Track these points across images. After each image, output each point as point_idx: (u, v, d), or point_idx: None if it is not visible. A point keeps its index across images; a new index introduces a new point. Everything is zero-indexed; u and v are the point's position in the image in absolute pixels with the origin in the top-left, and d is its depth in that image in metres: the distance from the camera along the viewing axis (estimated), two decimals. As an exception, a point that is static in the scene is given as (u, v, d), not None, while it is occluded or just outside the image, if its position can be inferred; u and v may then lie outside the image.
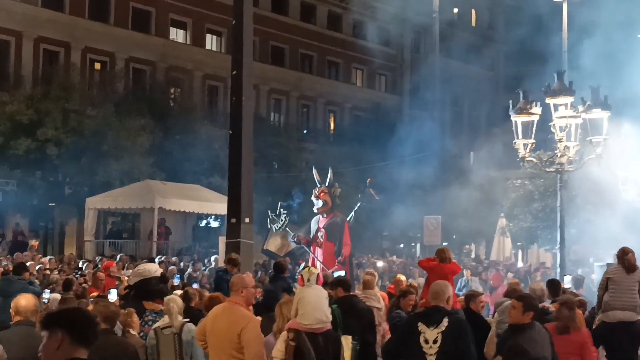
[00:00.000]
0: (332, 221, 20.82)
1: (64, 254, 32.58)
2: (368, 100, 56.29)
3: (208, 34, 50.19)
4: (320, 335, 8.14)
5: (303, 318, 8.08)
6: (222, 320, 8.51)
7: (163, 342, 9.35)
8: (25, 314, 7.54)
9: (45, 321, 4.59)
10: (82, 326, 4.52)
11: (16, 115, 33.27)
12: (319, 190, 21.22)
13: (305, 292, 8.37)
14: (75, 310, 4.74)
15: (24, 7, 40.60)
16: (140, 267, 12.46)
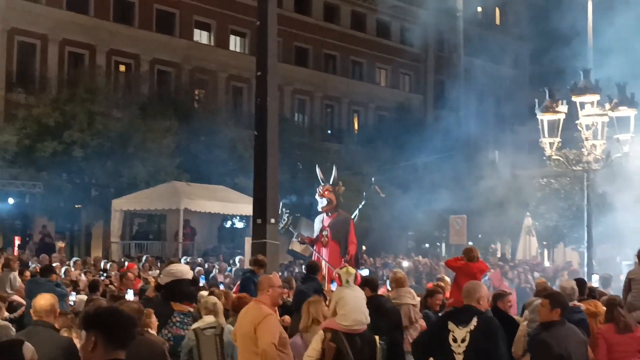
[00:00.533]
0: (336, 220, 20.43)
1: (90, 255, 32.74)
2: (392, 100, 56.13)
3: (232, 35, 50.28)
4: (357, 335, 8.15)
5: (343, 319, 8.09)
6: (245, 318, 8.63)
7: (204, 342, 9.30)
8: (40, 313, 7.56)
9: (82, 322, 4.60)
10: (117, 327, 4.49)
11: (42, 117, 33.55)
12: (323, 188, 20.89)
13: (344, 293, 8.37)
14: (110, 311, 4.70)
15: (50, 10, 40.88)
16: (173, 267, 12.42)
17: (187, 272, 12.02)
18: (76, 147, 33.16)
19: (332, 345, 8.01)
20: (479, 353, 7.71)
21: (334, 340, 8.10)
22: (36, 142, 33.09)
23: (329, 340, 8.07)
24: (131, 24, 44.86)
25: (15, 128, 33.69)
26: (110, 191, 34.15)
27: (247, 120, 42.65)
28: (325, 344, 8.09)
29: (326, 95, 54.96)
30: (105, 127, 33.96)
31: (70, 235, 39.73)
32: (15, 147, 32.69)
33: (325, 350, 8.11)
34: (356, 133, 55.86)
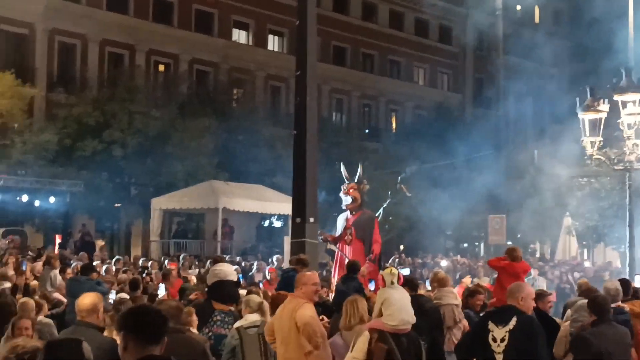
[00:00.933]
0: (360, 218, 19.89)
1: (130, 254, 32.99)
2: (430, 99, 55.95)
3: (270, 35, 50.44)
4: (403, 336, 8.14)
5: (390, 319, 8.08)
6: (284, 312, 8.68)
7: (247, 341, 9.32)
8: (82, 313, 7.61)
9: (116, 324, 4.65)
10: (144, 325, 4.55)
11: (83, 117, 33.90)
12: (347, 186, 20.29)
13: (389, 293, 8.37)
14: (136, 311, 4.76)
15: (90, 10, 41.26)
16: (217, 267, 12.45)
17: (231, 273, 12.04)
18: (116, 147, 33.46)
19: (383, 346, 8.00)
20: (519, 353, 7.69)
21: (382, 341, 8.10)
22: (77, 141, 33.41)
23: (377, 341, 8.07)
24: (170, 24, 45.14)
25: (56, 127, 34.06)
26: (149, 190, 34.37)
27: (285, 119, 42.80)
28: (374, 345, 8.09)
29: (364, 95, 54.94)
30: (145, 126, 34.22)
31: (110, 234, 40.06)
32: (56, 146, 33.03)
33: (372, 351, 8.10)
34: (394, 132, 55.78)
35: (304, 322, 8.41)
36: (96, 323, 7.65)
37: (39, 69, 39.44)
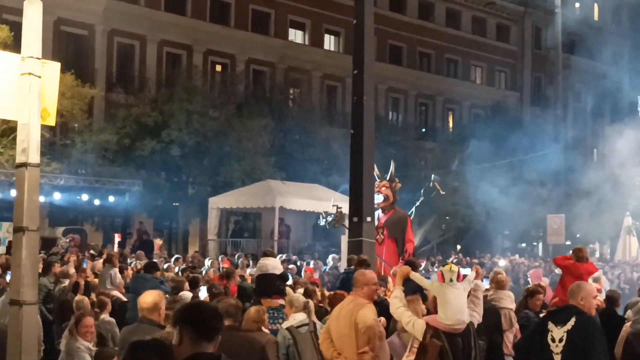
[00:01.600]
0: (392, 217, 19.51)
1: (187, 253, 33.22)
2: (487, 98, 55.56)
3: (326, 34, 50.48)
4: (458, 335, 8.08)
5: (445, 318, 8.02)
6: (342, 312, 8.59)
7: (301, 340, 9.32)
8: (144, 311, 7.66)
9: (171, 318, 4.69)
10: (200, 321, 4.56)
11: (141, 117, 34.26)
12: (379, 184, 19.90)
13: (445, 291, 8.30)
14: (192, 307, 4.80)
15: (148, 11, 41.70)
16: (261, 261, 12.50)
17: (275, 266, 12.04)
18: (174, 146, 33.74)
19: (436, 343, 7.94)
20: (576, 353, 7.58)
21: (436, 338, 8.04)
22: (135, 141, 33.77)
23: (431, 337, 8.00)
24: (227, 24, 45.42)
25: (116, 127, 34.47)
26: (206, 189, 34.59)
27: (342, 119, 42.85)
28: (428, 341, 8.02)
29: (420, 94, 54.71)
30: (203, 126, 34.47)
31: (168, 232, 40.41)
32: (116, 146, 33.42)
33: (426, 346, 8.04)
34: (451, 131, 55.49)
35: (366, 324, 8.35)
36: (158, 320, 7.71)
37: (99, 70, 39.98)
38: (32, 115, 6.91)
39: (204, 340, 4.51)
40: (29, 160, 6.86)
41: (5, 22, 31.46)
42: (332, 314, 8.99)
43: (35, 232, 6.97)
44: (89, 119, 35.59)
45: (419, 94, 54.68)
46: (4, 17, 34.32)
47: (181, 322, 4.57)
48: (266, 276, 11.79)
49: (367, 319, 8.37)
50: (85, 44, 40.27)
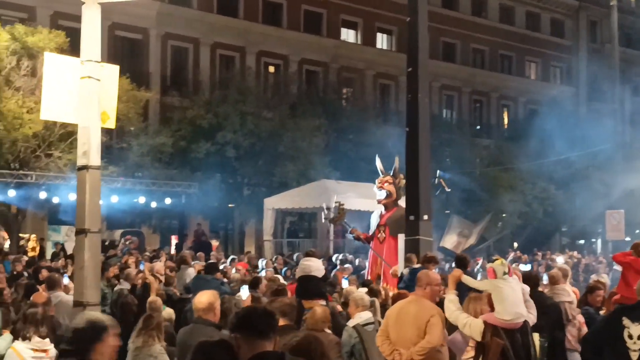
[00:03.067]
0: (395, 215, 18.53)
1: (243, 253, 33.35)
2: (543, 93, 54.97)
3: (379, 33, 50.36)
4: (517, 331, 8.00)
5: (503, 313, 7.94)
6: (409, 310, 8.51)
7: (367, 338, 9.29)
8: (199, 312, 7.69)
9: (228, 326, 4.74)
10: (251, 324, 4.62)
11: (196, 119, 34.48)
12: (382, 179, 19.09)
13: (499, 286, 8.21)
14: (244, 311, 4.82)
15: (201, 14, 41.98)
16: (305, 262, 12.45)
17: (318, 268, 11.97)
18: (229, 148, 33.89)
19: (499, 341, 7.86)
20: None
21: (496, 336, 7.96)
22: (191, 143, 33.98)
23: (492, 336, 7.92)
24: (280, 25, 45.54)
25: (171, 130, 34.72)
26: (262, 190, 34.67)
27: (396, 118, 42.68)
28: (490, 339, 7.94)
29: (475, 91, 54.35)
30: (257, 127, 34.57)
31: (224, 234, 40.62)
32: (171, 148, 33.64)
33: (487, 345, 7.96)
34: (506, 128, 55.06)
35: (431, 324, 8.29)
36: (213, 320, 7.73)
37: (153, 73, 40.37)
38: (92, 118, 6.98)
39: (259, 340, 4.55)
40: (90, 163, 6.94)
41: (61, 28, 31.88)
42: (390, 314, 8.89)
43: (97, 233, 7.06)
44: (145, 122, 35.89)
45: (473, 90, 54.32)
46: (59, 23, 34.80)
47: (236, 329, 4.64)
48: (308, 278, 11.74)
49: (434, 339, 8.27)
50: (140, 47, 40.69)
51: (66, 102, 6.99)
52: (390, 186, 18.68)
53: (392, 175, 19.03)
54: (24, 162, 28.73)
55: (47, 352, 7.59)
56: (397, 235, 17.67)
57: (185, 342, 7.70)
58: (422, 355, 8.27)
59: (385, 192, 18.69)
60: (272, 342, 4.59)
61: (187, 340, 7.64)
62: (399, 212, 18.29)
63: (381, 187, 18.81)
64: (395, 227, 18.05)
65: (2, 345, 7.84)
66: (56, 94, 7.00)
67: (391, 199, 18.65)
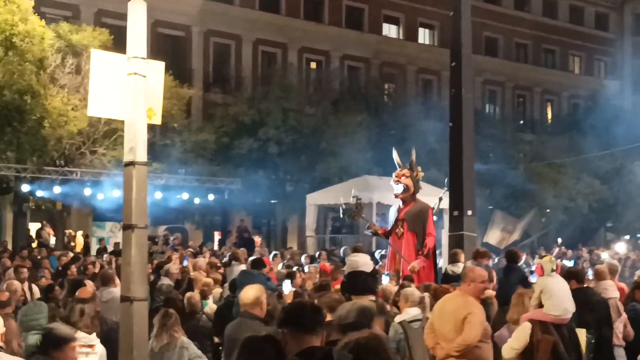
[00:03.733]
0: (413, 209, 17.63)
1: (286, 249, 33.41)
2: (587, 88, 54.44)
3: (421, 28, 50.17)
4: (564, 326, 7.95)
5: (552, 309, 7.91)
6: (449, 305, 8.49)
7: (412, 336, 9.24)
8: (245, 306, 7.71)
9: (275, 322, 4.74)
10: (297, 319, 4.65)
11: (239, 116, 34.63)
12: (399, 173, 17.98)
13: (548, 282, 8.17)
14: (291, 306, 4.86)
15: (243, 11, 42.12)
16: (352, 257, 12.40)
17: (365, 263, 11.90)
18: (271, 144, 33.98)
19: (549, 338, 7.82)
20: None
21: (546, 332, 7.91)
22: (233, 139, 34.14)
23: (542, 332, 7.88)
24: (321, 21, 45.56)
25: (214, 127, 34.91)
26: (304, 186, 34.69)
27: (438, 113, 42.37)
28: (537, 336, 7.90)
29: (518, 85, 53.97)
30: (299, 123, 34.62)
31: (267, 230, 40.76)
32: (214, 145, 33.82)
33: (536, 343, 7.92)
34: (550, 123, 54.62)
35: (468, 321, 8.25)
36: (260, 315, 7.75)
37: (196, 70, 40.59)
38: (139, 114, 7.01)
39: (306, 335, 4.55)
40: (137, 159, 6.98)
41: (104, 26, 32.17)
42: (435, 307, 8.88)
43: (144, 229, 7.09)
44: (188, 118, 36.10)
45: (516, 85, 53.93)
46: (103, 21, 35.12)
47: (283, 325, 4.68)
48: (357, 273, 11.69)
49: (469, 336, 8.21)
50: (182, 45, 40.93)
51: (112, 98, 7.03)
52: (407, 180, 17.70)
53: (409, 169, 18.13)
54: (69, 159, 29.07)
55: (93, 347, 7.67)
56: (416, 231, 17.31)
57: (231, 336, 7.73)
58: (458, 352, 8.23)
59: (402, 186, 17.67)
60: (320, 338, 4.58)
61: (233, 335, 7.68)
62: (417, 206, 17.69)
63: (398, 180, 17.79)
64: (413, 222, 17.46)
65: (48, 340, 7.92)
66: (103, 91, 7.04)
67: (409, 192, 17.70)
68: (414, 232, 17.25)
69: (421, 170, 18.52)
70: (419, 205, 17.64)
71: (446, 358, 8.33)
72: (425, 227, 17.33)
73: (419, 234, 17.26)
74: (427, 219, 17.47)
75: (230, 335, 7.80)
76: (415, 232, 17.24)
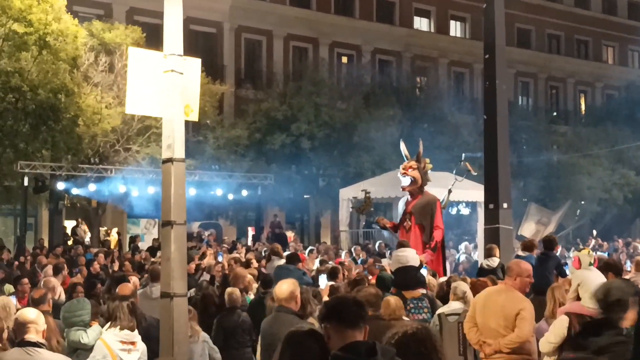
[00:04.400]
0: (421, 202, 17.22)
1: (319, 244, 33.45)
2: (620, 78, 53.96)
3: (452, 21, 49.95)
4: None
5: (590, 302, 7.83)
6: (497, 300, 8.41)
7: (446, 329, 9.24)
8: (280, 301, 7.72)
9: (317, 317, 4.74)
10: (344, 313, 4.60)
11: (271, 111, 34.67)
12: (406, 165, 17.50)
13: (586, 276, 8.11)
14: (334, 300, 4.85)
15: (274, 6, 42.16)
16: (399, 253, 12.42)
17: (412, 258, 11.91)
18: (304, 139, 33.99)
19: None
20: None
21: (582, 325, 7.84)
22: (266, 135, 34.19)
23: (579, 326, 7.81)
24: (352, 16, 45.49)
25: (246, 122, 35.00)
26: (337, 181, 34.69)
27: (470, 106, 42.31)
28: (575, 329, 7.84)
29: (550, 76, 53.58)
30: (331, 118, 34.62)
31: (300, 225, 40.81)
32: (247, 141, 33.89)
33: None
34: (583, 114, 54.18)
35: (522, 317, 8.21)
36: (295, 309, 7.77)
37: (228, 66, 40.70)
38: (176, 111, 7.06)
39: (349, 329, 4.54)
40: (175, 156, 7.02)
41: (137, 24, 32.36)
42: (477, 302, 8.82)
43: (183, 225, 7.13)
44: (220, 115, 36.26)
45: (549, 76, 53.55)
46: (135, 19, 35.33)
47: (326, 319, 4.64)
48: (406, 269, 11.70)
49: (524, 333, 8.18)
50: (214, 41, 41.04)
51: (150, 96, 7.07)
52: (414, 172, 17.26)
53: (416, 160, 17.66)
54: (103, 156, 29.29)
55: (135, 343, 7.72)
56: (423, 224, 16.96)
57: (268, 330, 7.76)
58: (511, 348, 8.19)
59: (409, 178, 17.25)
60: (363, 332, 4.58)
61: (270, 329, 7.70)
62: (425, 198, 17.32)
63: (405, 173, 17.33)
64: (421, 215, 17.07)
65: (91, 336, 7.99)
66: (140, 88, 7.09)
67: (416, 185, 17.32)
68: (421, 225, 16.99)
69: (429, 162, 18.23)
70: (426, 198, 17.35)
71: (495, 354, 8.28)
72: (433, 220, 17.07)
73: (427, 227, 17.00)
74: (435, 211, 17.20)
75: (267, 330, 7.84)
76: (423, 225, 16.98)
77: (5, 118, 25.89)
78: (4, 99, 25.35)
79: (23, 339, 6.31)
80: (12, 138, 26.25)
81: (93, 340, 7.85)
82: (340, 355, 4.40)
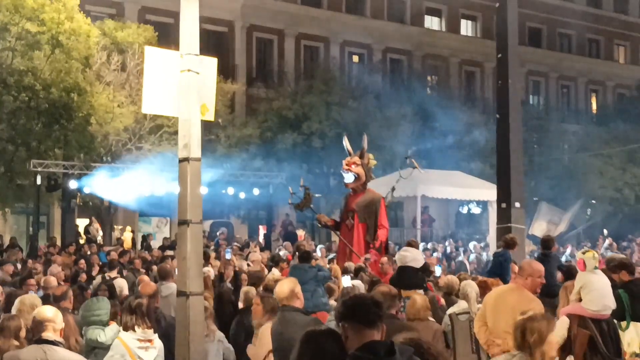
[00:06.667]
0: (364, 199, 16.88)
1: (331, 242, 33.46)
2: (632, 77, 53.75)
3: (463, 20, 49.88)
4: (604, 321, 7.93)
5: (591, 304, 7.88)
6: (507, 300, 8.39)
7: (458, 328, 9.26)
8: (282, 300, 7.74)
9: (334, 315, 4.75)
10: (361, 312, 4.58)
11: (282, 110, 34.69)
12: (349, 161, 17.27)
13: (589, 278, 8.13)
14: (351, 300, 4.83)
15: (285, 5, 42.21)
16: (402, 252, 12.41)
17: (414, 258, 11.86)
18: (315, 138, 34.00)
19: (585, 332, 7.79)
20: None
21: (583, 326, 7.89)
22: (277, 134, 34.21)
23: (578, 327, 7.85)
24: (363, 15, 45.50)
25: (257, 121, 35.03)
26: (348, 180, 34.64)
27: (481, 105, 42.29)
28: (575, 330, 7.88)
29: (562, 76, 53.49)
30: (342, 117, 34.59)
31: (311, 224, 40.75)
32: (258, 139, 33.92)
33: (573, 337, 7.90)
34: (595, 113, 54.07)
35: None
36: (298, 306, 7.79)
37: (239, 65, 40.76)
38: (192, 111, 7.08)
39: (367, 329, 4.52)
40: (191, 155, 7.04)
41: (148, 23, 32.42)
42: (487, 301, 8.81)
43: (199, 224, 7.16)
44: (232, 114, 36.28)
45: (560, 76, 53.46)
46: (147, 18, 35.39)
47: (344, 319, 4.61)
48: (407, 268, 11.69)
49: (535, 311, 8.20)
50: (226, 40, 41.09)
51: (166, 95, 7.10)
52: (358, 168, 17.10)
53: (359, 156, 17.47)
54: (115, 155, 29.33)
55: (152, 342, 7.75)
56: (367, 222, 16.54)
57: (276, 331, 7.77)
58: None
59: (352, 174, 17.07)
60: (380, 331, 4.59)
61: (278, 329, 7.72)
62: (369, 196, 17.08)
63: (348, 169, 17.15)
64: (365, 213, 16.78)
65: (109, 335, 8.03)
66: (156, 88, 7.11)
67: (360, 181, 17.17)
68: (364, 224, 16.64)
69: (373, 158, 18.08)
70: (370, 195, 17.10)
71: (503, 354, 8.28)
72: (377, 219, 16.70)
73: (370, 226, 16.63)
74: (379, 209, 16.84)
75: (275, 330, 7.85)
76: (367, 223, 16.62)
77: (18, 117, 26.01)
78: (17, 97, 25.47)
79: (40, 337, 6.35)
80: (25, 137, 26.38)
81: (110, 340, 7.88)
82: (358, 355, 4.40)
